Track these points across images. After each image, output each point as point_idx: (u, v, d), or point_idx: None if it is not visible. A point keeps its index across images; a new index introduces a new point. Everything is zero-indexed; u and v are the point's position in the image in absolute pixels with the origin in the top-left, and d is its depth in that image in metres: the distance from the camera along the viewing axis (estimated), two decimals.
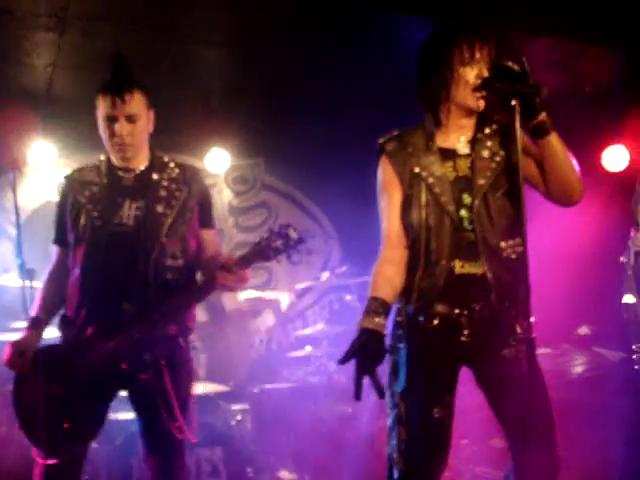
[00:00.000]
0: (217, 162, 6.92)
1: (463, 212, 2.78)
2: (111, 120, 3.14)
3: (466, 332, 2.77)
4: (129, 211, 3.17)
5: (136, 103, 3.18)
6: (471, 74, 2.76)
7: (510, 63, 2.62)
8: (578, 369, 5.51)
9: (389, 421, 2.82)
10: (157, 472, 3.14)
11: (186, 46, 5.33)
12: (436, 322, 2.76)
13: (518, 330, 2.81)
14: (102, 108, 3.16)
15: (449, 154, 2.84)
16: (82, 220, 3.19)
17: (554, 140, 2.73)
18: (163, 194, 3.22)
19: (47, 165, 6.17)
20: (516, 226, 2.77)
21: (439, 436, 2.76)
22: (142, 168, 3.27)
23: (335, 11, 4.75)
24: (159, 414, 3.05)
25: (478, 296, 2.77)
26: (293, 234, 3.12)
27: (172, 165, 3.33)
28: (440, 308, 2.76)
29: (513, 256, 2.78)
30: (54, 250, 3.39)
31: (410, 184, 2.82)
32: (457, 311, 2.77)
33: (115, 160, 3.26)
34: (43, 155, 6.08)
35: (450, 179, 2.81)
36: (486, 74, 2.73)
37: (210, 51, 5.53)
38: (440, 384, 2.79)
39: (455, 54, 2.76)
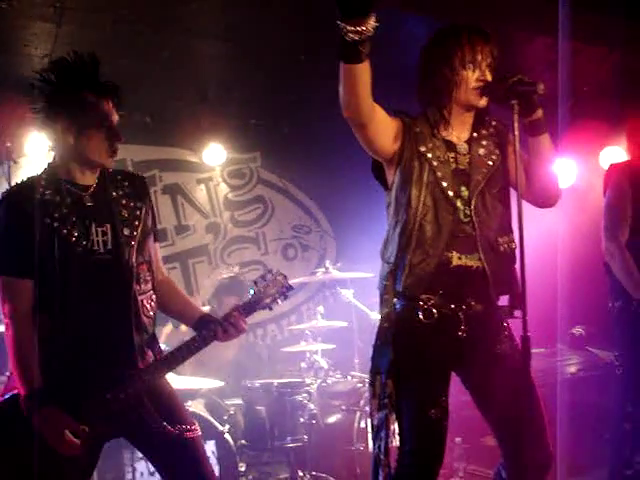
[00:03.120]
0: (213, 156, 6.94)
1: (459, 204, 2.80)
2: (107, 126, 2.91)
3: (463, 328, 2.78)
4: (97, 237, 2.90)
5: (116, 105, 2.97)
6: (473, 76, 2.79)
7: (509, 74, 2.68)
8: (572, 369, 5.52)
9: (375, 422, 2.80)
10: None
11: (184, 39, 5.31)
12: (433, 318, 2.75)
13: (509, 326, 2.84)
14: (95, 114, 2.88)
15: (451, 146, 2.86)
16: (58, 246, 2.81)
17: (546, 140, 2.83)
18: (125, 214, 2.97)
19: (42, 156, 6.15)
20: (509, 223, 2.88)
21: (436, 437, 2.75)
22: (94, 184, 2.97)
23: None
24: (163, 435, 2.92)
25: (473, 290, 2.79)
26: (285, 282, 3.13)
27: (119, 178, 3.05)
28: (436, 302, 2.76)
29: (508, 252, 2.82)
30: (15, 285, 2.83)
31: (410, 159, 2.80)
32: (453, 306, 2.78)
33: (69, 175, 2.94)
34: (38, 146, 6.06)
35: (452, 168, 2.83)
36: (488, 76, 2.76)
37: (208, 45, 5.52)
38: (436, 384, 2.78)
39: (457, 56, 2.78)
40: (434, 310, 2.75)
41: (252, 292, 3.11)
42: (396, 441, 2.74)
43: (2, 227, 2.89)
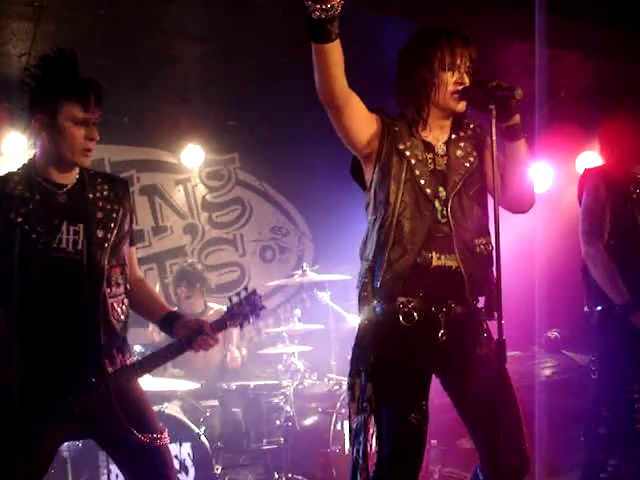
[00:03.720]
0: (192, 157, 6.92)
1: (437, 204, 2.80)
2: (83, 124, 2.88)
3: (443, 331, 2.77)
4: (67, 235, 2.88)
5: (98, 104, 2.93)
6: (452, 79, 2.80)
7: (487, 79, 2.69)
8: (547, 372, 5.56)
9: (353, 426, 2.78)
10: None
11: (163, 40, 5.31)
12: (414, 321, 2.74)
13: (488, 329, 2.85)
14: (74, 111, 2.85)
15: (429, 147, 2.87)
16: (19, 242, 2.81)
17: (522, 146, 2.84)
18: (100, 216, 2.95)
19: (18, 155, 6.12)
20: (486, 225, 2.88)
21: (416, 441, 2.74)
22: (72, 183, 2.96)
23: None
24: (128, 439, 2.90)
25: (453, 292, 2.79)
26: (259, 302, 3.11)
27: (100, 180, 3.04)
28: (417, 305, 2.75)
29: (485, 253, 2.83)
30: None
31: (389, 156, 2.81)
32: (434, 309, 2.77)
33: (46, 172, 2.94)
34: (14, 145, 6.02)
35: (429, 169, 2.83)
36: (466, 79, 2.78)
37: (187, 46, 5.50)
38: (417, 388, 2.77)
39: (437, 58, 2.79)
40: (414, 313, 2.74)
41: (225, 309, 3.10)
42: (375, 445, 2.72)
43: None
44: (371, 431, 2.72)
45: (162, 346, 3.11)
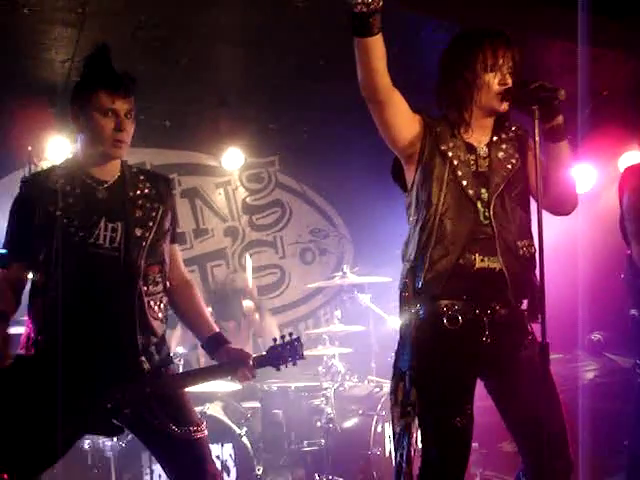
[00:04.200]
0: (232, 160, 6.97)
1: (479, 205, 2.79)
2: (112, 114, 2.90)
3: (487, 334, 2.75)
4: (105, 231, 2.91)
5: (133, 99, 2.96)
6: (494, 79, 2.79)
7: (530, 80, 2.68)
8: (589, 375, 5.50)
9: (396, 430, 2.76)
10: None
11: (203, 44, 5.34)
12: (458, 324, 2.73)
13: (532, 331, 2.82)
14: (101, 101, 2.89)
15: (472, 148, 2.85)
16: (57, 235, 2.87)
17: (565, 147, 2.82)
18: (139, 214, 2.98)
19: (63, 159, 6.21)
20: (528, 227, 2.86)
21: (462, 446, 2.73)
22: (113, 180, 3.01)
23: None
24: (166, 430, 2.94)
25: (496, 294, 2.77)
26: (300, 350, 3.12)
27: (142, 178, 3.07)
28: (461, 308, 2.73)
29: (527, 255, 2.81)
30: (6, 263, 3.02)
31: (431, 156, 2.80)
32: (478, 311, 2.75)
33: (88, 166, 2.99)
34: (59, 149, 6.11)
35: (472, 170, 2.82)
36: (509, 80, 2.77)
37: (227, 49, 5.54)
38: (462, 392, 2.75)
39: (479, 59, 2.79)
40: (459, 316, 2.73)
41: (267, 350, 3.11)
42: (419, 450, 2.71)
43: (11, 210, 3.04)
44: (415, 435, 2.71)
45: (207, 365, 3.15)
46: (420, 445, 2.74)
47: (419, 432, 2.71)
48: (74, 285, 2.89)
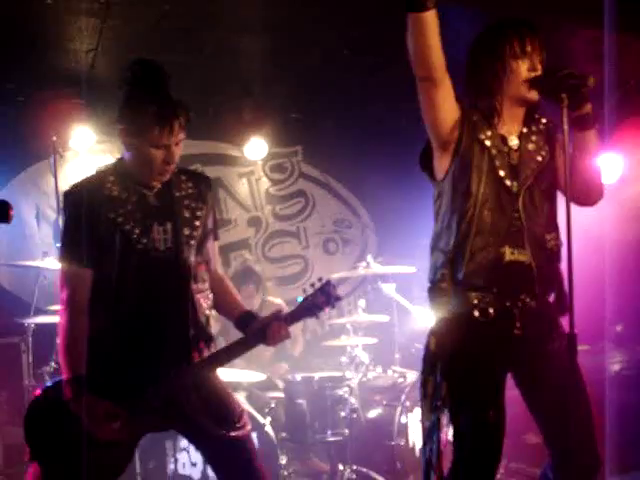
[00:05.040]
0: (255, 150, 6.96)
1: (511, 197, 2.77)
2: (162, 147, 2.89)
3: (518, 326, 2.73)
4: (158, 235, 2.95)
5: (183, 127, 2.95)
6: (523, 67, 2.77)
7: (558, 67, 2.65)
8: (616, 367, 5.45)
9: (425, 424, 2.75)
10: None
11: (227, 34, 5.33)
12: (490, 317, 2.71)
13: (560, 323, 2.80)
14: (153, 134, 2.86)
15: (504, 140, 2.83)
16: (120, 242, 2.90)
17: (593, 136, 2.79)
18: (187, 215, 3.01)
19: (87, 150, 6.23)
20: (555, 220, 2.85)
21: (495, 440, 2.71)
22: (160, 184, 3.02)
23: (378, 1, 4.72)
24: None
25: (525, 286, 2.75)
26: (334, 291, 3.09)
27: (184, 178, 3.09)
28: (492, 300, 2.71)
29: (555, 249, 2.80)
30: (75, 275, 2.93)
31: (470, 146, 2.77)
32: (509, 304, 2.73)
33: (138, 175, 2.98)
34: (83, 140, 6.14)
35: (506, 161, 2.80)
36: (538, 67, 2.74)
37: (251, 39, 5.53)
38: (494, 385, 2.73)
39: (506, 48, 2.76)
40: (490, 309, 2.71)
41: (300, 300, 3.10)
42: (450, 444, 2.69)
43: (68, 220, 2.98)
44: (445, 430, 2.69)
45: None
46: (451, 439, 2.71)
47: (450, 426, 2.68)
48: (137, 291, 2.92)
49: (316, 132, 7.06)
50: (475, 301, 2.72)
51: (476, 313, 2.71)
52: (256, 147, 6.94)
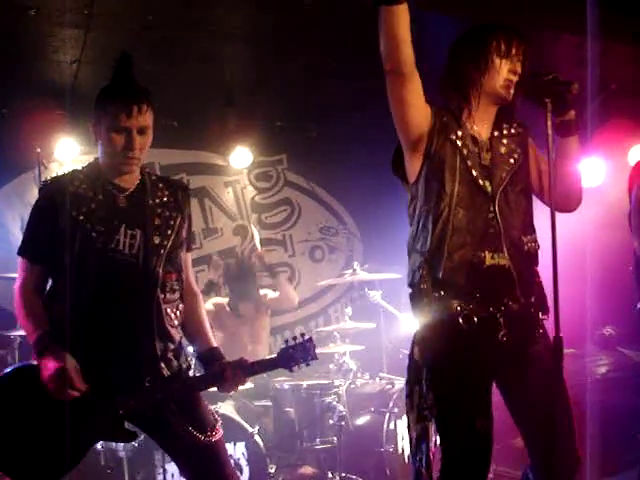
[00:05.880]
0: (240, 159, 6.97)
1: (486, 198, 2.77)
2: (124, 131, 2.88)
3: (503, 332, 2.72)
4: (124, 238, 2.92)
5: (149, 114, 2.91)
6: (505, 67, 2.77)
7: (543, 72, 2.67)
8: (601, 369, 5.48)
9: (413, 434, 2.73)
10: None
11: (211, 43, 5.34)
12: (475, 323, 2.68)
13: (541, 324, 2.80)
14: (112, 118, 2.87)
15: (475, 140, 2.83)
16: (79, 239, 2.87)
17: (575, 142, 2.81)
18: (158, 223, 2.98)
19: (71, 160, 6.22)
20: (531, 222, 2.85)
21: (484, 449, 2.70)
22: (134, 187, 3.01)
23: (361, 8, 4.74)
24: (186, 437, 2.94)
25: (506, 291, 2.74)
26: (313, 351, 3.11)
27: (161, 186, 3.07)
28: (474, 308, 2.69)
29: (532, 251, 2.80)
30: (26, 268, 2.97)
31: (442, 145, 2.76)
32: (492, 309, 2.72)
33: (109, 173, 2.98)
34: (68, 151, 6.12)
35: (478, 161, 2.80)
36: (519, 69, 2.76)
37: (234, 48, 5.54)
38: (482, 394, 2.71)
39: (493, 44, 2.77)
40: (474, 317, 2.68)
41: (280, 351, 3.10)
42: (438, 453, 2.67)
43: (32, 213, 3.00)
44: (433, 439, 2.66)
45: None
46: (439, 449, 2.68)
47: (437, 436, 2.66)
48: (94, 291, 2.90)
49: (301, 140, 7.07)
50: (458, 308, 2.69)
51: (460, 321, 2.68)
52: (241, 156, 6.94)
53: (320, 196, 7.58)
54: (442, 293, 2.70)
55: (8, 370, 2.99)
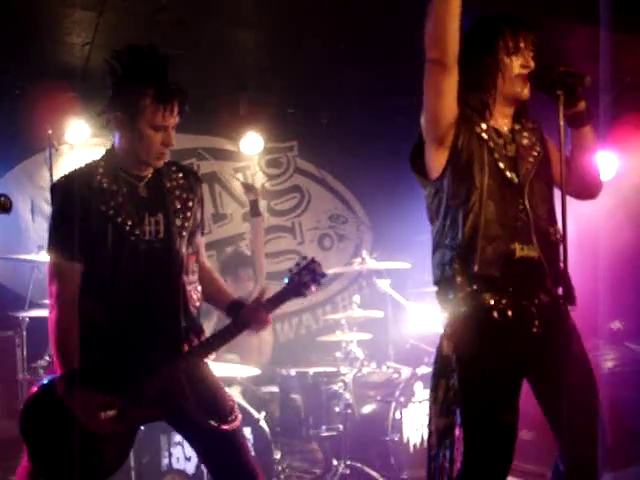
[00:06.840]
0: (251, 145, 6.95)
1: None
2: (162, 129, 2.90)
3: (537, 323, 2.70)
4: (149, 226, 2.94)
5: (180, 110, 2.95)
6: (516, 63, 2.76)
7: (555, 64, 2.65)
8: (609, 364, 5.46)
9: (433, 427, 2.70)
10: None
11: (223, 28, 5.33)
12: (510, 316, 2.66)
13: (569, 316, 2.77)
14: (155, 117, 2.87)
15: (499, 133, 2.82)
16: (111, 234, 2.89)
17: (589, 133, 2.80)
18: (178, 206, 3.01)
19: (82, 143, 6.22)
20: (555, 214, 2.83)
21: (509, 443, 2.68)
22: (150, 174, 3.02)
23: None
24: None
25: (538, 282, 2.73)
26: (319, 268, 3.15)
27: (174, 169, 3.10)
28: (508, 301, 2.67)
29: (557, 242, 2.78)
30: (64, 269, 2.90)
31: (469, 140, 2.74)
32: (525, 302, 2.70)
33: (126, 163, 2.98)
34: (79, 133, 6.13)
35: (504, 153, 2.79)
36: (531, 63, 2.73)
37: (247, 33, 5.52)
38: (512, 387, 2.70)
39: (499, 44, 2.75)
40: (509, 311, 2.66)
41: (286, 280, 3.12)
42: (461, 447, 2.64)
43: (57, 212, 2.97)
44: (458, 434, 2.64)
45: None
46: (462, 442, 2.65)
47: (463, 431, 2.63)
48: (128, 282, 2.92)
49: (312, 127, 7.05)
50: (492, 302, 2.66)
51: (495, 315, 2.66)
52: (252, 142, 6.92)
53: (330, 184, 7.56)
54: (475, 287, 2.68)
55: (46, 381, 2.97)
